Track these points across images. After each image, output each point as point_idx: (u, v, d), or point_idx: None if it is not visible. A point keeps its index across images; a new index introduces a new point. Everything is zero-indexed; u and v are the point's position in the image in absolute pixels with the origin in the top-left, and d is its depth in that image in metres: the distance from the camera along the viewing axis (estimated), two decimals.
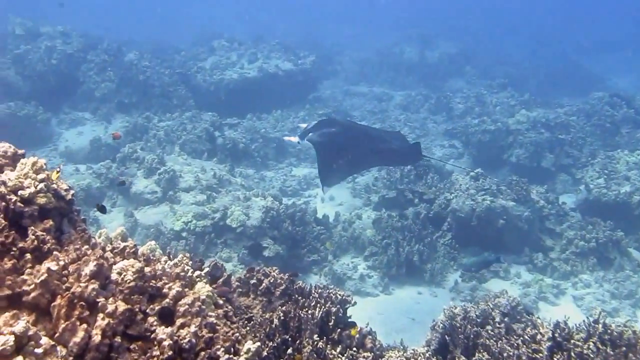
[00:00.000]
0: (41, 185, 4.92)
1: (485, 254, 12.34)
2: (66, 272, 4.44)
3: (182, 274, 5.17)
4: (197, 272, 5.44)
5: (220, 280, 6.94)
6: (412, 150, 10.79)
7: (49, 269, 4.33)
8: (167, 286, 4.95)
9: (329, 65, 29.11)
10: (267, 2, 52.66)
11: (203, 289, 5.40)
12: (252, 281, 7.02)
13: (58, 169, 5.20)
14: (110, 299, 4.48)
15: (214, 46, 23.91)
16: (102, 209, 8.20)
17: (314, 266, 12.83)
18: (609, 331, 5.61)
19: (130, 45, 25.73)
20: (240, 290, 7.06)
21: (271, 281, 7.03)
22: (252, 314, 6.67)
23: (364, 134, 10.98)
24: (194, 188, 13.57)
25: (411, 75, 28.64)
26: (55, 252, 4.70)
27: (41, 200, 4.91)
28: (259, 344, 4.73)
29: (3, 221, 4.49)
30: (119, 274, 4.82)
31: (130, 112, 19.88)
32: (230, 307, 5.82)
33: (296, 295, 6.82)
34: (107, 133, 18.17)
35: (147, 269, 4.92)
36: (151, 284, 4.87)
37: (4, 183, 4.81)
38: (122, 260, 5.21)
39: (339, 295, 7.00)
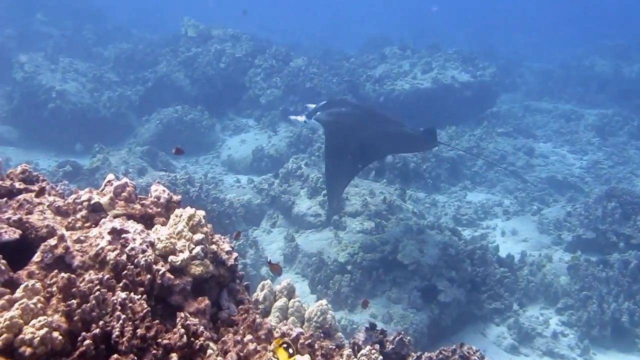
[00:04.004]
0: (197, 249, 3.63)
1: None
2: None
3: None
4: None
5: None
6: (426, 135, 9.97)
7: None
8: None
9: (507, 77, 26.53)
10: (439, 8, 50.63)
11: None
12: None
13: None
14: None
15: (385, 53, 22.51)
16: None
17: (495, 315, 10.95)
18: None
19: (297, 50, 25.10)
20: None
21: None
22: None
23: (375, 115, 10.37)
24: (361, 213, 12.19)
25: (604, 91, 25.18)
26: (210, 349, 3.37)
27: (196, 269, 3.63)
28: None
29: (144, 305, 3.20)
30: None
31: None
32: None
33: None
34: (271, 143, 17.38)
35: None
36: None
37: (152, 244, 3.58)
38: (295, 355, 3.83)
39: None
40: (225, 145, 18.13)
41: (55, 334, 2.98)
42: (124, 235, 3.51)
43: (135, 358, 3.03)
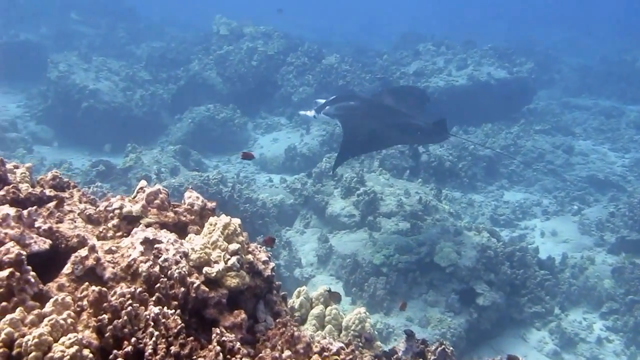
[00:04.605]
0: (233, 259, 3.44)
1: None
2: None
3: None
4: None
5: None
6: (437, 127, 9.83)
7: None
8: None
9: (544, 73, 25.86)
10: (470, 3, 49.93)
11: None
12: None
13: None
14: None
15: (419, 50, 22.09)
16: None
17: (536, 319, 10.60)
18: None
19: (329, 47, 24.83)
20: None
21: None
22: None
23: (385, 108, 10.40)
24: (396, 214, 11.91)
25: None
26: None
27: (232, 281, 3.43)
28: None
29: (178, 320, 3.02)
30: None
31: None
32: None
33: None
34: (303, 141, 17.18)
35: None
36: None
37: (185, 255, 3.39)
38: None
39: None
40: (258, 144, 17.97)
41: (86, 351, 2.82)
42: (156, 246, 3.34)
43: None
